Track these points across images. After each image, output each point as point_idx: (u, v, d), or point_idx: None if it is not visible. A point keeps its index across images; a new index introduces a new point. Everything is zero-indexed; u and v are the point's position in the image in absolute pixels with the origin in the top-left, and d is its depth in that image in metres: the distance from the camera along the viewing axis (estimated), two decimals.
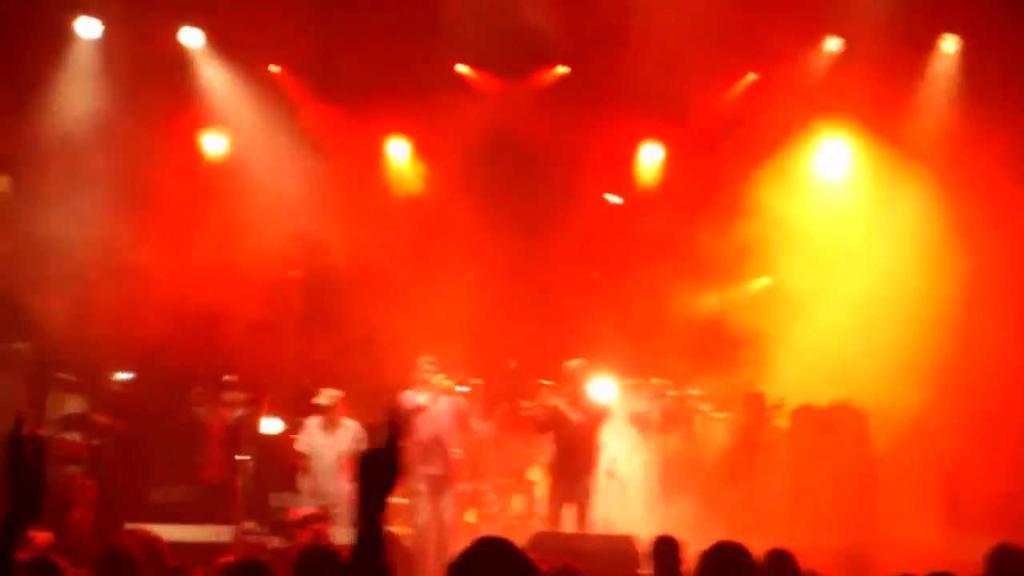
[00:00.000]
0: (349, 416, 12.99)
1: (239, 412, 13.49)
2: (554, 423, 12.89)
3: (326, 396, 12.94)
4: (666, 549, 8.60)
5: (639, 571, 8.84)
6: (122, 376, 14.58)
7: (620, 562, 9.27)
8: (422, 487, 12.86)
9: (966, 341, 13.45)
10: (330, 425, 12.89)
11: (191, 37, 15.25)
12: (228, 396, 13.51)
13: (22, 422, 3.73)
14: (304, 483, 12.84)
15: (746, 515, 12.57)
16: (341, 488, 12.48)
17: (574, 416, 12.75)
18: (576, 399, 12.84)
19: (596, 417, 12.88)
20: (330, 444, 12.88)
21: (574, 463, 12.74)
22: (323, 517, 10.02)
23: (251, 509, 12.66)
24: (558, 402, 12.87)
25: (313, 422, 12.99)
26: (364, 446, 12.57)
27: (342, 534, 10.22)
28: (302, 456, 12.94)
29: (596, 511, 12.86)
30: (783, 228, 14.21)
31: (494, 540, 4.00)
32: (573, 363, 13.06)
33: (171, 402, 13.96)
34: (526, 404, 13.23)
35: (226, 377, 13.59)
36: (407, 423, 12.24)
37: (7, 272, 13.51)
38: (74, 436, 12.96)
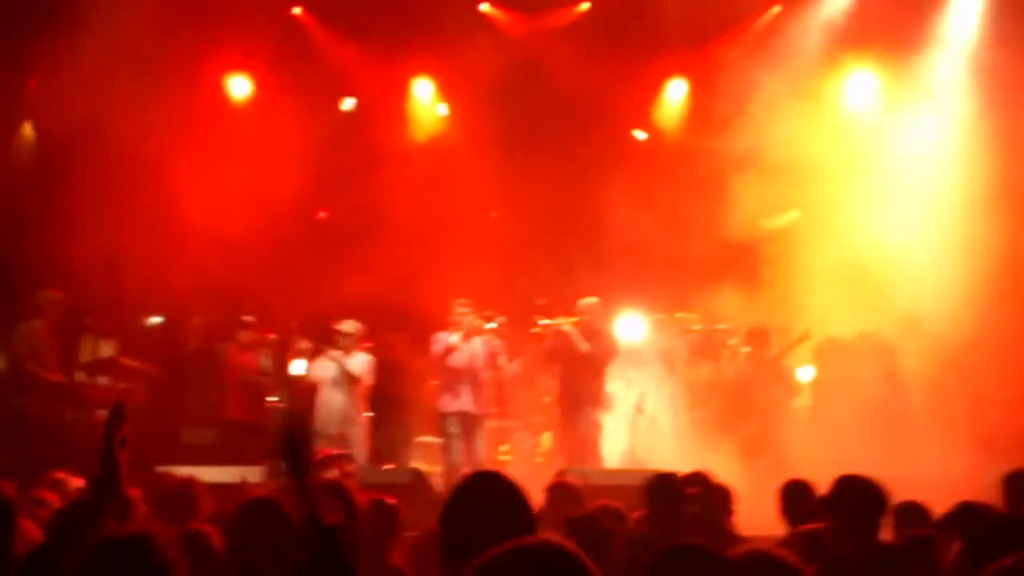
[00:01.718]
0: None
1: (265, 354, 13.62)
2: (562, 351, 12.90)
3: (349, 325, 13.10)
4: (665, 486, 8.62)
5: None
6: (153, 320, 14.68)
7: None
8: (455, 426, 12.93)
9: (999, 270, 13.32)
10: (348, 354, 13.06)
11: None
12: (243, 336, 13.61)
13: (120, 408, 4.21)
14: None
15: (765, 448, 12.53)
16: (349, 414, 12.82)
17: (583, 346, 12.77)
18: (589, 331, 12.87)
19: (606, 351, 12.90)
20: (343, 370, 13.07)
21: (578, 395, 12.77)
22: (348, 457, 10.09)
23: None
24: (569, 329, 12.90)
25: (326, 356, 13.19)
26: (371, 373, 12.81)
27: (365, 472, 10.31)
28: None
29: (625, 446, 12.90)
30: (811, 160, 14.06)
31: (488, 474, 4.08)
32: (586, 301, 13.09)
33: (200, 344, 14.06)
34: (540, 322, 13.28)
35: (245, 317, 13.68)
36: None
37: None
38: (104, 381, 13.12)
